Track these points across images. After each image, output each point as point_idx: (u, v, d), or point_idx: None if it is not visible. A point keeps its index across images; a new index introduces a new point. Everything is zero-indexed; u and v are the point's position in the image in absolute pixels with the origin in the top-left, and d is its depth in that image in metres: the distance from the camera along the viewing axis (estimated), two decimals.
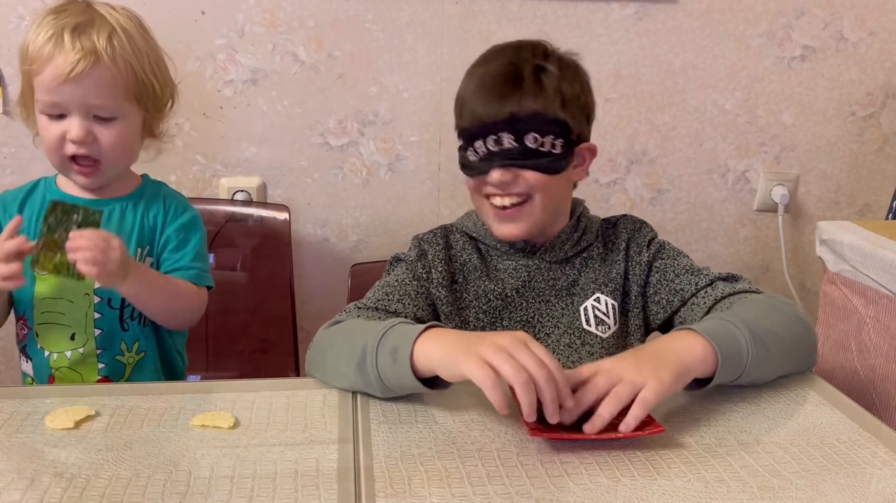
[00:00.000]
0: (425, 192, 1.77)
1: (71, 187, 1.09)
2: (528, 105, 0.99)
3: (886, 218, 1.77)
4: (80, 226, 0.95)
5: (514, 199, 1.03)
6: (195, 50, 1.63)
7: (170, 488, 0.71)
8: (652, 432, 0.80)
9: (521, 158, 1.01)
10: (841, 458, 0.79)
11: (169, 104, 1.09)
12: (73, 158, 1.02)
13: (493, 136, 1.00)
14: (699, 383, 0.89)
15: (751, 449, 0.80)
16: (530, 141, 1.00)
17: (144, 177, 1.15)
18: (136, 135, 1.06)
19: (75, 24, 0.97)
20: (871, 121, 1.84)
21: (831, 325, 1.36)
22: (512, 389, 0.78)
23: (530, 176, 1.02)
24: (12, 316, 1.14)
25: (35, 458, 0.76)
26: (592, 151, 1.10)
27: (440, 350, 0.82)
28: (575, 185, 1.13)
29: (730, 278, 1.07)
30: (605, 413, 0.79)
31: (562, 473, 0.75)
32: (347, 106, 1.70)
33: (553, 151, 1.01)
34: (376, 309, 1.03)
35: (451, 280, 1.10)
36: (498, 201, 1.04)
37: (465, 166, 1.06)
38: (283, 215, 1.56)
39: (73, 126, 0.99)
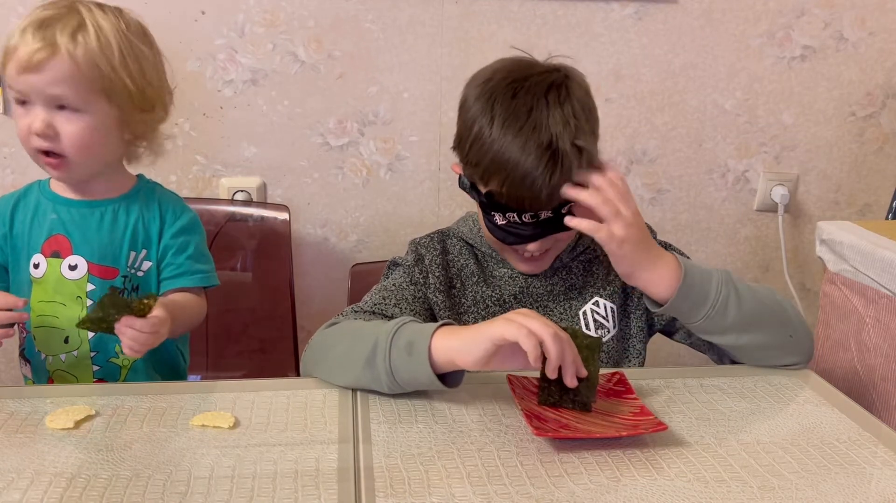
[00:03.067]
0: (425, 192, 1.78)
1: (63, 189, 1.08)
2: (568, 189, 0.96)
3: (886, 218, 1.77)
4: (132, 312, 0.93)
5: (544, 250, 1.04)
6: (195, 50, 1.63)
7: (170, 488, 0.71)
8: (655, 430, 0.81)
9: (555, 225, 0.99)
10: (841, 458, 0.79)
11: (158, 107, 1.06)
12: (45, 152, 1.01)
13: (531, 213, 0.98)
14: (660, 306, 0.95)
15: (751, 449, 0.80)
16: (565, 209, 0.99)
17: (140, 177, 1.14)
18: (106, 132, 1.02)
19: (44, 19, 0.97)
20: (871, 121, 1.84)
21: (831, 325, 1.36)
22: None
23: (563, 234, 1.02)
24: None
25: (35, 458, 0.76)
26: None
27: (459, 339, 0.84)
28: None
29: None
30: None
31: (562, 473, 0.75)
32: (347, 106, 1.70)
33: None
34: (373, 313, 1.03)
35: (448, 285, 1.09)
36: (528, 255, 1.04)
37: (494, 228, 1.01)
38: (283, 215, 1.56)
39: (36, 118, 0.98)
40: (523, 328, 0.80)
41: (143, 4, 1.56)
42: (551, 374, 0.82)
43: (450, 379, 0.86)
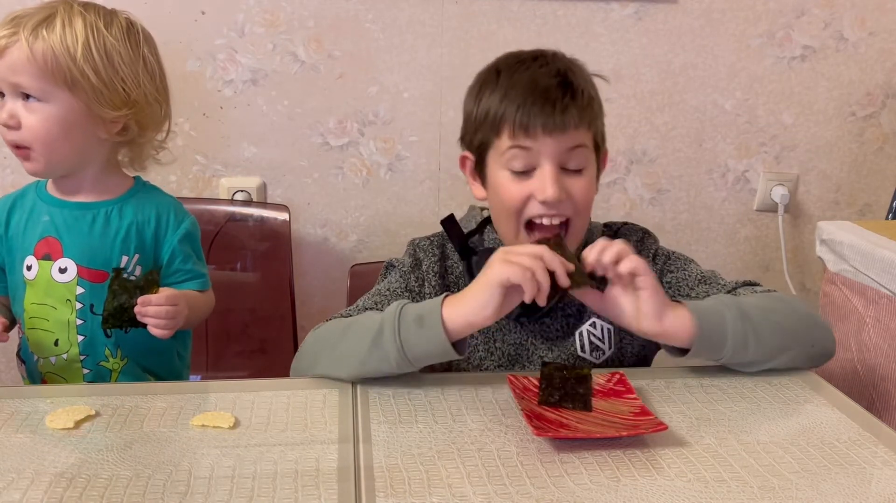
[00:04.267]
0: (425, 191, 1.77)
1: (56, 191, 1.08)
2: (583, 115, 0.97)
3: (886, 218, 1.77)
4: (142, 290, 0.99)
5: (561, 219, 0.99)
6: (195, 50, 1.63)
7: (170, 488, 0.71)
8: (655, 430, 0.81)
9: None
10: (841, 458, 0.79)
11: (141, 109, 1.05)
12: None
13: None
14: (681, 352, 0.93)
15: (751, 449, 0.80)
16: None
17: (136, 179, 1.13)
18: (70, 125, 1.01)
19: (19, 13, 1.00)
20: (871, 121, 1.84)
21: (831, 325, 1.36)
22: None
23: (576, 190, 0.98)
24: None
25: (35, 458, 0.76)
26: (605, 157, 1.07)
27: (468, 301, 0.87)
28: None
29: (749, 284, 1.06)
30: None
31: (562, 473, 0.75)
32: (347, 106, 1.70)
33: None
34: None
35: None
36: (546, 221, 0.99)
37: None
38: (283, 215, 1.56)
39: (3, 108, 1.00)
40: (515, 266, 0.85)
41: (143, 4, 1.56)
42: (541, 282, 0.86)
43: (458, 347, 0.88)
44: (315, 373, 0.95)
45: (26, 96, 0.99)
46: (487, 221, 1.09)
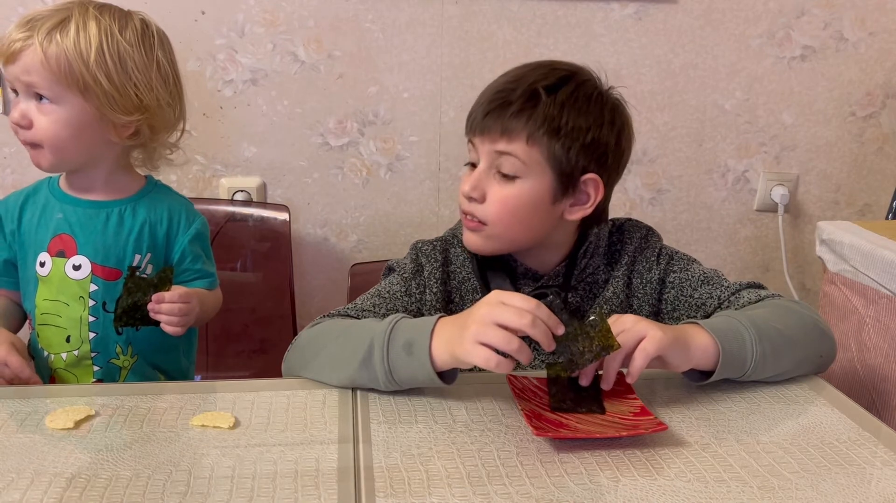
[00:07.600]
0: (425, 192, 1.78)
1: (70, 189, 1.09)
2: (509, 125, 0.95)
3: (886, 218, 1.77)
4: (156, 287, 1.00)
5: (474, 221, 1.00)
6: (195, 50, 1.63)
7: (170, 488, 0.71)
8: (655, 430, 0.81)
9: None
10: (841, 458, 0.79)
11: (153, 113, 1.05)
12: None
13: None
14: (702, 376, 0.90)
15: (751, 449, 0.80)
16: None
17: (148, 178, 1.14)
18: (80, 128, 1.02)
19: (34, 15, 1.00)
20: (871, 121, 1.84)
21: (831, 325, 1.36)
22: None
23: (495, 195, 0.97)
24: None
25: (35, 458, 0.76)
26: (596, 185, 0.99)
27: (453, 343, 0.83)
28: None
29: (753, 286, 1.05)
30: (609, 368, 0.85)
31: (562, 473, 0.75)
32: (347, 106, 1.70)
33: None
34: (358, 318, 1.00)
35: (446, 300, 1.06)
36: (465, 200, 1.00)
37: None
38: (283, 215, 1.56)
39: (16, 107, 1.01)
40: (491, 358, 0.79)
41: (143, 4, 1.56)
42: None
43: (447, 376, 0.86)
44: (305, 376, 0.95)
45: (39, 97, 1.00)
46: None
